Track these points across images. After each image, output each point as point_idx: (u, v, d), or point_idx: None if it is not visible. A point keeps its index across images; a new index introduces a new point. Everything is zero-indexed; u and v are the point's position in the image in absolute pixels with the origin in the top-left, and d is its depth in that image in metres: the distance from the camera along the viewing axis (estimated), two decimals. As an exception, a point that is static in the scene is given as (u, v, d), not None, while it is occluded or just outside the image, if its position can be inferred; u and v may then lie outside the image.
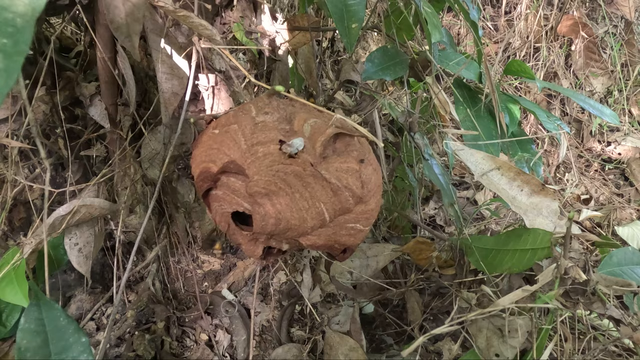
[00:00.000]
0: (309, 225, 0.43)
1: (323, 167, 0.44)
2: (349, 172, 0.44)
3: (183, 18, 0.53)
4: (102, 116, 0.71)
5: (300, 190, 0.43)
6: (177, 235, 0.86)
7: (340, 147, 0.47)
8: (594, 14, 2.12)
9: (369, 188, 0.46)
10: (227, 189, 0.45)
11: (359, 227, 0.46)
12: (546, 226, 0.67)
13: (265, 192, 0.42)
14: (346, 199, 0.44)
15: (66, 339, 0.48)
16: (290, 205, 0.42)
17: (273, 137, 0.45)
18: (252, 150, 0.44)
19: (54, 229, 0.63)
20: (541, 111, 1.01)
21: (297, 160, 0.43)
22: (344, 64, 0.79)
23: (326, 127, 0.47)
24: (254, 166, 0.44)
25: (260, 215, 0.42)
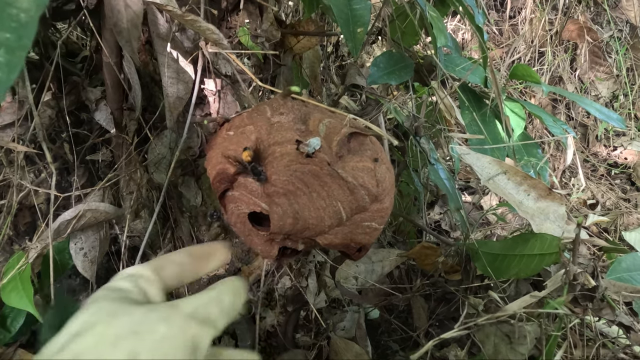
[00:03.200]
0: (327, 224, 0.44)
1: (340, 166, 0.44)
2: (364, 171, 0.45)
3: (190, 22, 0.53)
4: (108, 121, 0.71)
5: (317, 189, 0.43)
6: (182, 240, 0.86)
7: (354, 147, 0.47)
8: (599, 18, 2.12)
9: (384, 187, 0.46)
10: (244, 190, 0.45)
11: (375, 225, 0.47)
12: (554, 231, 0.66)
13: (283, 192, 0.43)
14: (362, 198, 0.44)
15: None
16: (308, 205, 0.43)
17: (290, 137, 0.45)
18: (269, 150, 0.45)
19: (59, 234, 0.63)
20: (547, 115, 1.01)
21: (314, 160, 0.44)
22: (349, 68, 0.79)
23: (341, 126, 0.47)
24: (271, 166, 0.44)
25: (279, 215, 0.42)
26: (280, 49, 0.84)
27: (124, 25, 0.56)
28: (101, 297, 0.33)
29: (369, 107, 0.79)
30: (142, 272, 0.37)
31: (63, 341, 0.29)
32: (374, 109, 0.78)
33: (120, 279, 0.36)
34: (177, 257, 0.41)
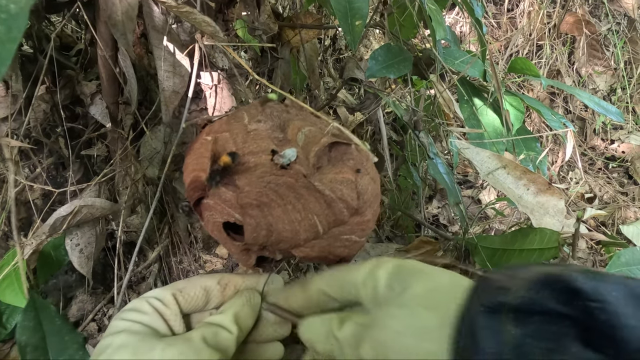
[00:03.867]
0: (302, 237, 0.42)
1: (317, 178, 0.42)
2: (343, 183, 0.42)
3: (185, 14, 0.52)
4: (103, 115, 0.70)
5: (292, 202, 0.41)
6: (179, 235, 0.85)
7: (336, 156, 0.45)
8: (597, 11, 2.11)
9: (365, 199, 0.44)
10: (218, 199, 0.42)
11: (355, 238, 0.44)
12: (553, 226, 0.66)
13: (257, 204, 0.41)
14: (340, 211, 0.42)
15: (62, 337, 0.49)
16: (282, 217, 0.41)
17: (265, 147, 0.43)
18: (244, 159, 0.42)
19: (55, 230, 0.62)
20: (545, 109, 1.00)
21: (290, 172, 0.42)
22: (347, 61, 0.79)
23: (321, 135, 0.45)
24: (244, 177, 0.42)
25: (252, 227, 0.40)
26: (277, 42, 0.83)
27: (119, 18, 0.55)
28: (123, 329, 0.36)
29: (368, 101, 0.79)
30: (162, 295, 0.40)
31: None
32: (372, 103, 0.77)
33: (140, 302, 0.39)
34: (204, 282, 0.42)
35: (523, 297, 0.25)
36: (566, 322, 0.25)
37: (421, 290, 0.33)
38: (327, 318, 0.38)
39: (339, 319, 0.37)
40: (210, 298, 0.43)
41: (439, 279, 0.34)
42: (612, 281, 0.25)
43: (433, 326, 0.30)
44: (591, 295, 0.24)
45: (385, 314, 0.34)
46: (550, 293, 0.25)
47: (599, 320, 0.24)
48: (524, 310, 0.25)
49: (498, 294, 0.26)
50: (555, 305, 0.25)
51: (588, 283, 0.24)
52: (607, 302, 0.24)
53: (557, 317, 0.25)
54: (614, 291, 0.24)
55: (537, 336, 0.25)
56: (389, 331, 0.32)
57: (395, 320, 0.32)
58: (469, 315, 0.27)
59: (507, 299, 0.26)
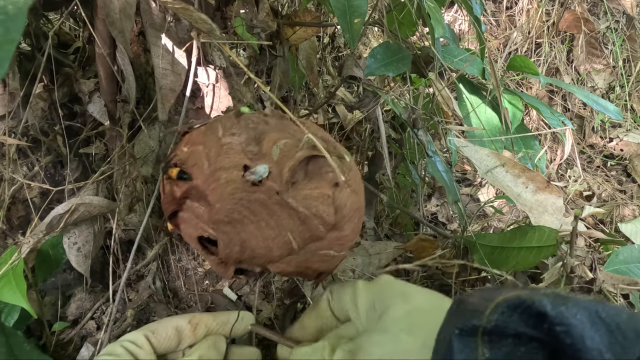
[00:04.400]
0: (276, 254, 0.41)
1: (290, 194, 0.41)
2: (319, 199, 0.41)
3: (182, 11, 0.52)
4: (101, 113, 0.70)
5: (265, 218, 0.40)
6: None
7: (313, 170, 0.43)
8: (596, 9, 2.11)
9: (344, 213, 0.43)
10: (191, 213, 0.42)
11: (332, 253, 0.43)
12: (552, 224, 0.66)
13: (228, 220, 0.40)
14: (316, 227, 0.41)
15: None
16: (255, 234, 0.40)
17: (237, 162, 0.41)
18: (215, 175, 0.41)
19: (53, 228, 0.62)
20: (544, 107, 1.00)
21: (262, 188, 0.40)
22: (346, 59, 0.78)
23: (297, 149, 0.43)
24: (215, 193, 0.41)
25: (225, 243, 0.40)
26: (276, 40, 0.83)
27: (117, 16, 0.54)
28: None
29: (366, 99, 0.79)
30: (135, 338, 0.42)
31: None
32: (371, 101, 0.77)
33: (115, 346, 0.42)
34: (175, 322, 0.44)
35: (496, 320, 0.26)
36: (535, 344, 0.26)
37: (401, 313, 0.35)
38: (319, 347, 0.40)
39: (330, 347, 0.39)
40: (182, 338, 0.44)
41: (418, 301, 0.36)
42: (578, 305, 0.25)
43: (414, 349, 0.32)
44: (556, 319, 0.25)
45: (369, 340, 0.36)
46: (520, 317, 0.26)
47: (564, 344, 0.24)
48: (497, 333, 0.26)
49: (472, 317, 0.27)
50: (524, 328, 0.26)
51: (554, 307, 0.25)
52: (572, 326, 0.24)
53: (527, 340, 0.26)
54: (579, 315, 0.25)
55: (508, 358, 0.26)
56: (374, 357, 0.34)
57: (379, 347, 0.34)
58: (445, 338, 0.28)
59: (481, 322, 0.27)
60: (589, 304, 0.26)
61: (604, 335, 0.24)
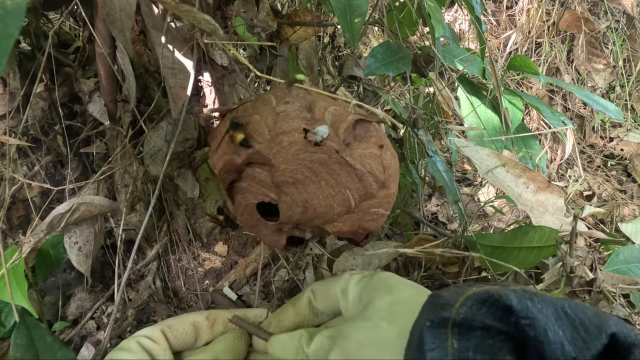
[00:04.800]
0: (336, 211, 0.43)
1: (347, 153, 0.44)
2: (371, 158, 0.44)
3: (185, 13, 0.52)
4: (102, 113, 0.70)
5: (326, 177, 0.43)
6: (178, 233, 0.85)
7: (360, 133, 0.46)
8: (596, 8, 2.11)
9: (390, 172, 0.46)
10: (252, 180, 0.44)
11: (382, 211, 0.46)
12: (552, 224, 0.66)
13: (292, 181, 0.42)
14: (370, 184, 0.44)
15: (54, 353, 0.51)
16: (317, 193, 0.42)
17: (297, 126, 0.44)
18: (277, 139, 0.44)
19: (53, 228, 0.62)
20: (545, 107, 1.00)
21: (323, 148, 0.43)
22: (346, 59, 0.78)
23: (347, 114, 0.46)
24: (280, 156, 0.43)
25: (287, 205, 0.42)
26: (276, 39, 0.83)
27: (117, 15, 0.54)
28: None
29: (367, 99, 0.79)
30: (150, 333, 0.42)
31: None
32: (371, 101, 0.77)
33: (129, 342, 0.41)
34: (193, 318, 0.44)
35: (465, 313, 0.28)
36: (502, 337, 0.27)
37: (385, 303, 0.37)
38: (297, 334, 0.40)
39: (308, 334, 0.40)
40: (199, 334, 0.45)
41: (402, 294, 0.37)
42: (543, 300, 0.27)
43: (392, 338, 0.33)
44: (522, 313, 0.26)
45: (351, 326, 0.37)
46: (488, 310, 0.28)
47: (528, 336, 0.26)
48: (466, 326, 0.28)
49: (443, 310, 0.29)
50: (492, 321, 0.27)
51: (520, 302, 0.27)
52: (536, 319, 0.26)
53: (495, 333, 0.27)
54: (544, 309, 0.26)
55: (476, 349, 0.27)
56: (354, 342, 0.35)
57: (360, 332, 0.35)
58: (418, 328, 0.30)
59: (451, 315, 0.28)
60: (555, 300, 0.27)
61: (567, 330, 0.26)
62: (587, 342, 0.25)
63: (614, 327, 0.26)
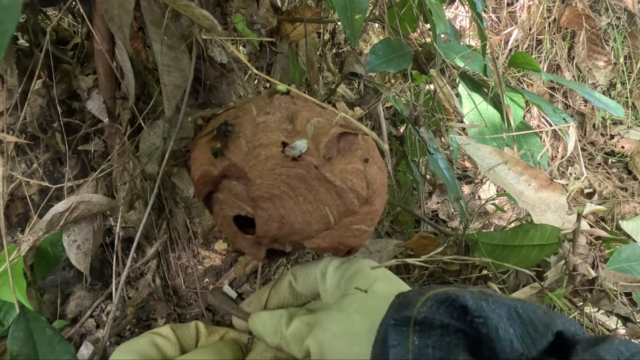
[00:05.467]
0: (314, 228, 0.42)
1: (327, 169, 0.42)
2: (353, 174, 0.43)
3: (183, 8, 0.51)
4: (100, 110, 0.69)
5: (304, 193, 0.41)
6: (177, 230, 0.85)
7: (344, 147, 0.45)
8: (597, 5, 2.10)
9: (374, 188, 0.44)
10: (228, 193, 0.43)
11: (364, 227, 0.45)
12: (554, 222, 0.65)
13: (269, 196, 0.41)
14: (351, 201, 0.43)
15: (53, 346, 0.49)
16: (294, 209, 0.41)
17: (275, 139, 0.42)
18: (254, 153, 0.42)
19: (52, 226, 0.62)
20: (546, 104, 1.00)
21: (301, 163, 0.41)
22: (347, 56, 0.78)
23: (330, 126, 0.44)
24: (255, 170, 0.42)
25: (264, 220, 0.41)
26: (276, 36, 0.82)
27: (115, 11, 0.54)
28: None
29: (368, 96, 0.78)
30: (159, 330, 0.43)
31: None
32: (372, 98, 0.77)
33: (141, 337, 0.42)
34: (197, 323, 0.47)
35: (425, 312, 0.30)
36: (458, 334, 0.29)
37: (360, 295, 0.38)
38: (277, 314, 0.42)
39: (288, 316, 0.41)
40: (199, 339, 0.46)
41: (377, 287, 0.39)
42: (497, 301, 0.29)
43: (363, 331, 0.35)
44: (476, 312, 0.28)
45: (326, 316, 0.38)
46: (446, 310, 0.30)
47: (482, 334, 0.28)
48: (427, 324, 0.30)
49: (406, 309, 0.31)
50: (450, 320, 0.29)
51: (475, 302, 0.29)
52: (489, 318, 0.28)
53: (453, 331, 0.29)
54: (497, 309, 0.28)
55: (435, 346, 0.29)
56: (327, 333, 0.37)
57: (334, 323, 0.37)
58: (384, 326, 0.32)
59: (412, 314, 0.30)
60: (509, 301, 0.29)
61: (517, 328, 0.28)
62: (535, 339, 0.27)
63: (560, 325, 0.28)
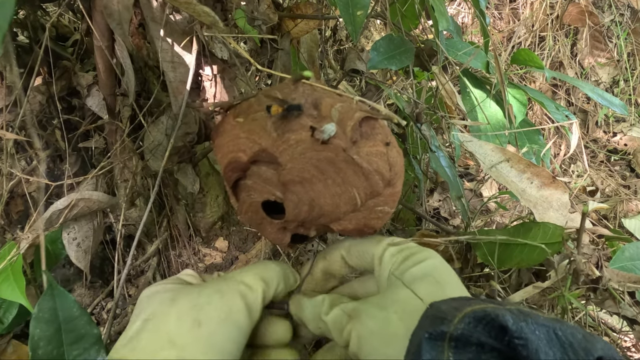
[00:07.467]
0: (342, 210, 0.43)
1: (354, 151, 0.43)
2: (378, 156, 0.44)
3: (184, 5, 0.51)
4: (100, 107, 0.69)
5: (333, 176, 0.42)
6: (178, 228, 0.85)
7: (366, 131, 0.46)
8: (600, 2, 2.09)
9: (396, 170, 0.46)
10: (257, 178, 0.44)
11: (387, 209, 0.46)
12: (557, 220, 0.65)
13: (299, 180, 0.42)
14: (377, 183, 0.44)
15: (78, 330, 0.48)
16: (323, 192, 0.42)
17: (304, 124, 0.43)
18: (284, 137, 0.43)
19: (52, 223, 0.61)
20: (549, 101, 0.99)
21: (330, 146, 0.42)
22: (348, 52, 0.77)
23: (353, 111, 0.45)
24: (286, 154, 0.43)
25: (294, 203, 0.42)
26: (277, 32, 0.81)
27: (115, 7, 0.53)
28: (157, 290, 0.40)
29: (369, 93, 0.78)
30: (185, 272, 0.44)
31: (136, 327, 0.36)
32: (374, 95, 0.76)
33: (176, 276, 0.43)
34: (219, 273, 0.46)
35: (463, 329, 0.29)
36: (495, 354, 0.29)
37: (403, 297, 0.38)
38: (319, 301, 0.42)
39: (329, 303, 0.41)
40: None
41: (421, 290, 0.38)
42: (536, 322, 0.29)
43: (400, 335, 0.35)
44: (516, 333, 0.28)
45: (367, 311, 0.38)
46: (484, 328, 0.29)
47: (521, 355, 0.27)
48: (463, 341, 0.29)
49: (442, 324, 0.30)
50: (487, 339, 0.29)
51: (515, 322, 0.28)
52: (529, 340, 0.27)
53: (489, 349, 0.29)
54: (537, 331, 0.28)
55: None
56: (366, 329, 0.37)
57: (373, 320, 0.37)
58: (417, 338, 0.31)
59: (449, 329, 0.30)
60: (548, 321, 0.29)
61: (557, 351, 0.27)
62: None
63: (600, 350, 0.28)
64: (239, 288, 0.39)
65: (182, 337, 0.35)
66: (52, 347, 0.46)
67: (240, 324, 0.38)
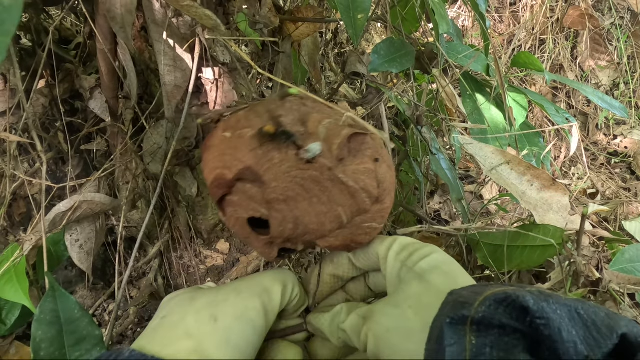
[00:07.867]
0: (328, 228, 0.43)
1: (340, 170, 0.43)
2: (365, 174, 0.44)
3: (186, 8, 0.51)
4: (103, 109, 0.69)
5: (318, 194, 0.42)
6: (180, 230, 0.85)
7: (355, 147, 0.45)
8: (601, 5, 2.09)
9: (384, 187, 0.45)
10: (243, 195, 0.44)
11: (375, 225, 0.46)
12: (557, 222, 0.65)
13: (283, 199, 0.42)
14: (363, 201, 0.43)
15: (80, 332, 0.49)
16: (308, 211, 0.42)
17: (289, 142, 0.43)
18: (269, 156, 0.43)
19: (55, 225, 0.62)
20: (549, 104, 1.00)
21: (315, 165, 0.42)
22: (349, 55, 0.78)
23: (341, 127, 0.45)
24: (271, 172, 0.42)
25: (278, 221, 0.42)
26: (278, 35, 0.82)
27: (118, 11, 0.54)
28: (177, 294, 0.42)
29: (370, 96, 0.78)
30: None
31: (155, 323, 0.37)
32: (375, 98, 0.77)
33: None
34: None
35: (484, 312, 0.30)
36: (518, 335, 0.29)
37: (415, 291, 0.38)
38: (336, 312, 0.43)
39: (346, 311, 0.42)
40: None
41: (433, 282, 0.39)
42: (557, 302, 0.29)
43: (417, 329, 0.35)
44: (537, 313, 0.28)
45: (381, 310, 0.39)
46: (505, 310, 0.29)
47: (543, 335, 0.28)
48: (484, 324, 0.29)
49: (463, 308, 0.31)
50: (509, 320, 0.29)
51: (536, 303, 0.28)
52: (551, 320, 0.27)
53: (511, 331, 0.29)
54: (558, 310, 0.28)
55: (493, 346, 0.29)
56: (382, 327, 0.37)
57: (388, 318, 0.38)
58: (438, 324, 0.32)
59: (470, 313, 0.30)
60: (569, 301, 0.29)
61: (580, 330, 0.27)
62: (599, 341, 0.27)
63: (624, 327, 0.27)
64: (257, 289, 0.40)
65: (199, 329, 0.36)
66: (54, 349, 0.47)
67: (256, 323, 0.39)
